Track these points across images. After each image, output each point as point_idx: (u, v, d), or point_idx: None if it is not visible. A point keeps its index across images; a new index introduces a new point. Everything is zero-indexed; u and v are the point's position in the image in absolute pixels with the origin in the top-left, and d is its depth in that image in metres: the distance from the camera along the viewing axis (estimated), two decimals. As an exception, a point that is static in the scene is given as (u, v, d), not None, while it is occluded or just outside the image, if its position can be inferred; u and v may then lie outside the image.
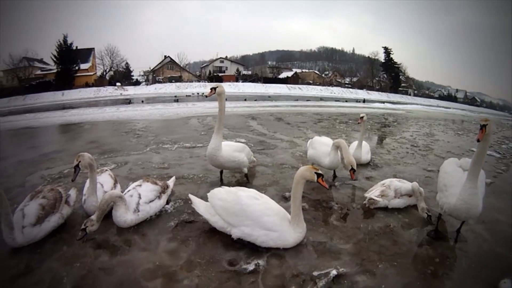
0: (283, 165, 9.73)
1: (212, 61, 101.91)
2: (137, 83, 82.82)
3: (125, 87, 71.46)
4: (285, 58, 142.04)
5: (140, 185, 6.22)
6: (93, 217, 5.20)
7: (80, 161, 5.76)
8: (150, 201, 5.95)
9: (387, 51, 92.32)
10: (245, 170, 7.62)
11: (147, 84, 79.64)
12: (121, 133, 16.05)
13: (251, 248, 4.98)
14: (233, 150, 7.35)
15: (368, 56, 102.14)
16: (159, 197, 6.20)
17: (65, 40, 70.56)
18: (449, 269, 4.78)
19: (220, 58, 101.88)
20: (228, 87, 66.82)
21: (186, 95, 56.40)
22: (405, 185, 6.71)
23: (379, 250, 5.12)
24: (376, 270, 4.61)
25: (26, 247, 5.09)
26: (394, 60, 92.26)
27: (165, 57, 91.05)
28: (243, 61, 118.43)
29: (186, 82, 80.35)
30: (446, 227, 5.98)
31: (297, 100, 48.07)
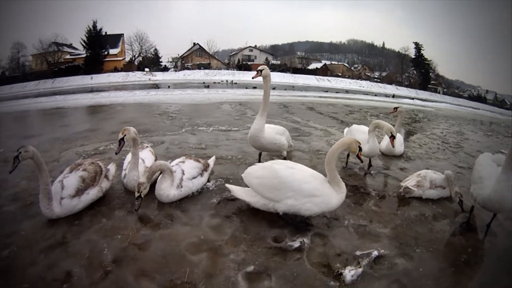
0: (319, 151, 9.61)
1: (241, 49, 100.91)
2: (165, 69, 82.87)
3: (154, 73, 71.87)
4: (314, 49, 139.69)
5: (183, 162, 6.19)
6: (143, 179, 5.16)
7: (125, 135, 5.65)
8: (193, 178, 5.95)
9: (418, 47, 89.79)
10: (284, 153, 7.58)
11: (175, 71, 79.65)
12: (154, 115, 16.14)
13: (295, 226, 5.04)
14: (275, 133, 7.25)
15: (398, 51, 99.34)
16: (201, 174, 6.18)
17: (94, 26, 71.14)
18: (480, 260, 4.90)
19: (249, 47, 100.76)
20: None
21: (214, 82, 56.54)
22: (440, 177, 6.77)
23: (415, 236, 5.24)
24: (414, 254, 4.76)
25: (62, 219, 5.12)
26: (425, 56, 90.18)
27: (194, 44, 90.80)
28: (272, 50, 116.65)
29: (215, 69, 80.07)
30: (476, 221, 5.98)
31: (326, 91, 47.42)
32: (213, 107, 19.86)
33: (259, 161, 7.59)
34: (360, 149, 5.03)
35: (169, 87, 42.34)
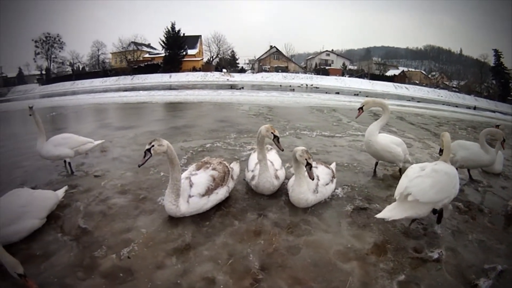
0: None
1: (318, 53, 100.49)
2: (242, 70, 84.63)
3: (232, 74, 73.48)
4: (390, 54, 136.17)
5: (316, 167, 5.85)
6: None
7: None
8: (326, 184, 5.75)
9: (497, 54, 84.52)
10: (400, 165, 7.30)
11: (253, 72, 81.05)
12: (249, 116, 16.31)
13: (430, 237, 4.93)
14: (390, 141, 7.14)
15: (476, 59, 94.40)
16: (332, 180, 5.96)
17: (173, 27, 74.22)
18: None
19: (326, 51, 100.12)
20: (335, 81, 68.14)
21: (290, 85, 55.98)
22: None
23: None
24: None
25: (187, 218, 4.99)
26: (505, 65, 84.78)
27: (271, 47, 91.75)
28: (348, 55, 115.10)
29: (292, 73, 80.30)
30: None
31: (409, 100, 45.62)
32: (305, 111, 19.67)
33: (374, 171, 7.56)
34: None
35: (242, 88, 43.33)
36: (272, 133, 5.56)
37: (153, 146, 4.55)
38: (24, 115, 22.03)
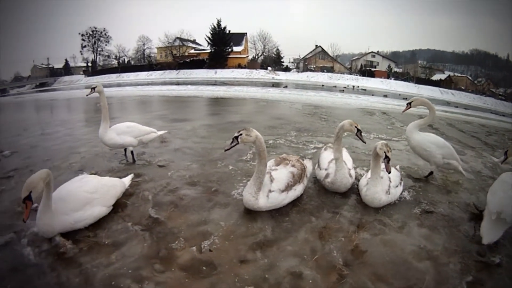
0: (480, 173, 8.52)
1: (363, 54, 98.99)
2: (287, 69, 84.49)
3: (277, 72, 73.72)
4: (436, 58, 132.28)
5: None
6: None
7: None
8: (396, 186, 5.81)
9: None
10: (432, 167, 7.12)
11: (298, 71, 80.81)
12: (303, 114, 16.13)
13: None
14: (430, 141, 7.02)
15: None
16: (400, 183, 6.00)
17: (218, 24, 75.79)
18: None
19: (372, 52, 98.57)
20: (381, 84, 66.78)
21: (335, 86, 55.92)
22: None
23: None
24: None
25: (264, 213, 4.98)
26: None
27: (316, 46, 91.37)
28: (393, 57, 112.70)
29: (338, 73, 79.45)
30: None
31: (457, 107, 44.51)
32: (357, 113, 19.26)
33: (431, 173, 7.37)
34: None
35: (286, 86, 43.50)
36: (355, 127, 5.65)
37: (241, 134, 4.61)
38: (72, 103, 22.70)
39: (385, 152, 5.03)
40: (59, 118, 15.21)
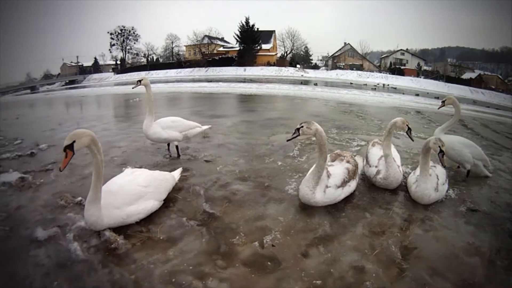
0: None
1: (392, 52, 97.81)
2: (316, 67, 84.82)
3: (306, 70, 73.81)
4: (465, 56, 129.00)
5: (435, 166, 6.05)
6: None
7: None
8: (443, 184, 5.81)
9: None
10: (467, 166, 7.16)
11: (327, 69, 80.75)
12: (340, 112, 16.18)
13: None
14: (458, 141, 7.18)
15: None
16: (446, 181, 6.00)
17: (247, 22, 76.62)
18: None
19: (401, 50, 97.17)
20: (410, 82, 65.93)
21: (365, 84, 55.73)
22: None
23: None
24: None
25: (320, 208, 5.00)
26: None
27: (345, 44, 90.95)
28: (423, 55, 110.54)
29: (367, 71, 79.02)
30: None
31: (488, 107, 43.63)
32: (392, 111, 18.80)
33: (467, 174, 7.34)
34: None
35: (315, 84, 43.18)
36: (407, 125, 5.76)
37: (302, 126, 4.71)
38: (103, 100, 22.96)
39: (439, 147, 5.08)
40: (93, 113, 15.56)
